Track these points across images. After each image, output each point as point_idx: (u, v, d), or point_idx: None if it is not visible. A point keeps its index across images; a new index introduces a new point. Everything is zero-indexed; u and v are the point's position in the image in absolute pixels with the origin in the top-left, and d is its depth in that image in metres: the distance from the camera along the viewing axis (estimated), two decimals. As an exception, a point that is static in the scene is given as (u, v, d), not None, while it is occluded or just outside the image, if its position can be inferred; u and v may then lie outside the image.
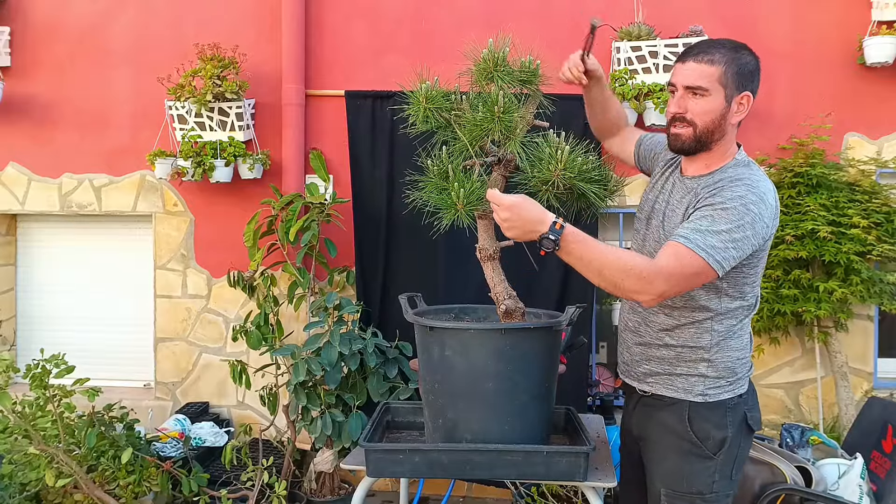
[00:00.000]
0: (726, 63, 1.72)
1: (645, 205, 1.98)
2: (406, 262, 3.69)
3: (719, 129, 1.77)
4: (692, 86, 1.74)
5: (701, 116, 1.76)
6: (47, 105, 4.07)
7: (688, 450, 1.82)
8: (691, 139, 1.78)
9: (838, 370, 3.44)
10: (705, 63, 1.73)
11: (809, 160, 3.38)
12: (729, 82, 1.73)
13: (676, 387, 1.86)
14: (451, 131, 2.04)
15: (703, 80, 1.73)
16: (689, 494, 1.81)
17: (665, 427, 1.86)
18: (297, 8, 3.77)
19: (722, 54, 1.73)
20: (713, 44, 1.77)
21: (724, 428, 1.81)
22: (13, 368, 2.90)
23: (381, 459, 1.95)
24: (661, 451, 1.88)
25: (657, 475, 1.88)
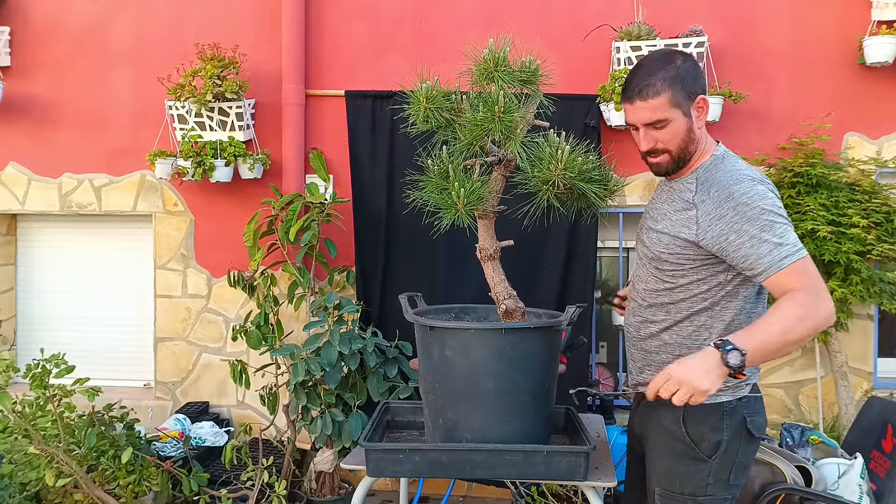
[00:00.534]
0: (669, 85, 1.74)
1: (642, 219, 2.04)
2: (406, 262, 3.69)
3: (692, 141, 1.81)
4: (650, 122, 1.78)
5: (672, 142, 1.79)
6: (47, 105, 4.07)
7: (682, 451, 1.82)
8: (671, 162, 1.82)
9: (838, 370, 3.44)
10: (651, 97, 1.74)
11: (809, 160, 3.38)
12: (680, 100, 1.75)
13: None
14: (452, 131, 2.04)
15: (657, 113, 1.75)
16: (680, 495, 1.81)
17: (662, 427, 1.87)
18: (297, 8, 3.77)
19: (661, 79, 1.74)
20: (648, 72, 1.76)
21: (720, 431, 1.79)
22: (13, 368, 2.90)
23: (381, 459, 1.95)
24: (658, 451, 1.89)
25: (653, 474, 1.90)
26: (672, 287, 1.84)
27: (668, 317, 1.86)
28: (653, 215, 1.92)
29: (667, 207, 1.87)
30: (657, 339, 1.89)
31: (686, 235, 1.77)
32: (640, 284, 1.94)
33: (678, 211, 1.81)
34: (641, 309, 1.93)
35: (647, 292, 1.91)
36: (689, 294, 1.82)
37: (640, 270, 1.95)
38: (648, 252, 1.89)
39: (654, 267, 1.87)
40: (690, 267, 1.80)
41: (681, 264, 1.80)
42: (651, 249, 1.87)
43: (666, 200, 1.89)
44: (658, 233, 1.85)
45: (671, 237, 1.81)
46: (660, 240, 1.84)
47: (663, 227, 1.84)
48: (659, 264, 1.85)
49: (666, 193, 1.89)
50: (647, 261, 1.91)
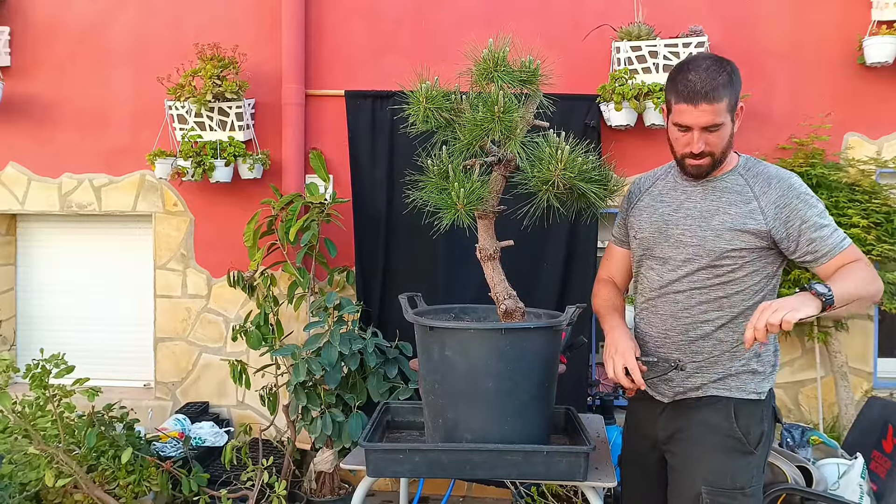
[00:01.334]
0: (728, 91, 1.80)
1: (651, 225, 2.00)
2: (406, 262, 3.69)
3: (730, 146, 1.91)
4: (709, 125, 1.81)
5: (719, 145, 1.85)
6: (47, 105, 4.07)
7: (731, 446, 1.86)
8: (711, 165, 1.88)
9: (838, 370, 3.44)
10: (716, 102, 1.79)
11: (809, 160, 3.38)
12: (732, 106, 1.84)
13: (730, 386, 1.89)
14: (452, 131, 2.04)
15: (717, 117, 1.81)
16: (731, 490, 1.84)
17: (707, 425, 1.89)
18: (297, 8, 3.77)
19: (722, 85, 1.79)
20: (711, 77, 1.80)
21: (762, 422, 1.89)
22: (13, 368, 2.90)
23: (381, 459, 1.95)
24: (702, 450, 1.89)
25: (696, 474, 1.88)
26: (727, 282, 1.87)
27: (723, 313, 1.89)
28: (691, 213, 1.92)
29: (712, 204, 1.90)
30: (712, 339, 1.90)
31: (754, 226, 1.84)
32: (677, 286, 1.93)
33: (734, 204, 1.87)
34: (687, 310, 1.92)
35: (693, 291, 1.90)
36: (743, 286, 1.88)
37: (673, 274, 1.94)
38: (695, 249, 1.89)
39: (705, 263, 1.88)
40: (748, 260, 1.86)
41: (741, 257, 1.86)
42: (704, 247, 1.88)
43: (707, 198, 1.91)
44: (715, 229, 1.87)
45: (735, 231, 1.85)
46: (719, 235, 1.86)
47: (721, 222, 1.87)
48: (716, 260, 1.87)
49: (701, 192, 1.93)
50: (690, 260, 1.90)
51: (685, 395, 1.94)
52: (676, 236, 1.93)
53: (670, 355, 1.94)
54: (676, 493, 1.93)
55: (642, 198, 2.07)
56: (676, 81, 1.84)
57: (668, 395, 1.97)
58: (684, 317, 1.93)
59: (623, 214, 2.13)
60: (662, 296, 1.96)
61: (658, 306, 1.97)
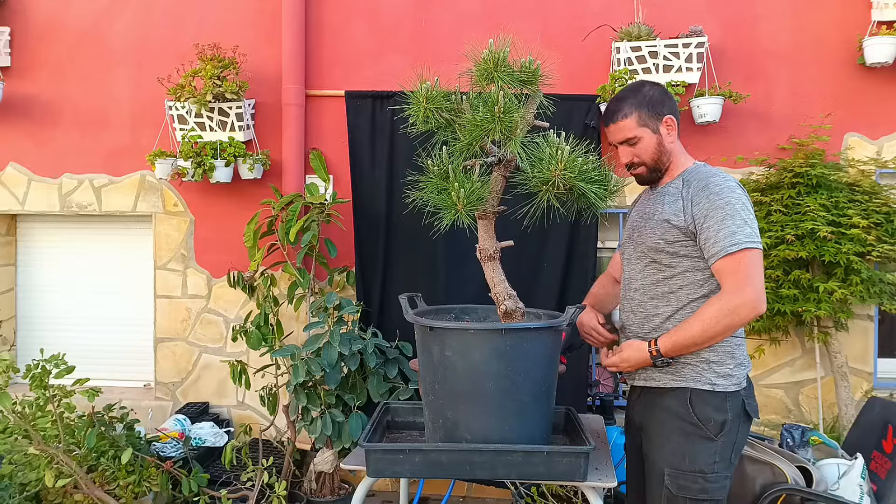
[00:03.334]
0: (635, 108, 2.04)
1: (627, 230, 2.23)
2: (406, 262, 3.69)
3: (664, 153, 2.07)
4: (622, 140, 2.07)
5: (645, 154, 2.06)
6: (47, 105, 4.07)
7: (690, 431, 1.96)
8: (648, 172, 2.09)
9: (838, 370, 3.44)
10: (620, 120, 2.05)
11: (809, 160, 3.38)
12: (646, 120, 2.04)
13: (684, 376, 1.99)
14: (452, 131, 2.04)
15: (628, 132, 2.05)
16: (691, 473, 1.94)
17: (668, 411, 2.00)
18: (297, 8, 3.77)
19: (628, 104, 2.04)
20: (618, 100, 2.07)
21: (723, 412, 1.96)
22: (13, 368, 2.90)
23: (381, 459, 1.95)
24: (665, 434, 2.00)
25: (660, 457, 1.99)
26: (670, 276, 2.02)
27: (670, 306, 2.02)
28: (643, 216, 2.12)
29: (657, 206, 2.07)
30: (661, 330, 2.03)
31: (676, 222, 1.98)
32: (635, 283, 2.12)
33: (668, 204, 2.03)
34: (641, 305, 2.09)
35: (645, 287, 2.08)
36: (687, 281, 2.00)
37: (633, 272, 2.13)
38: (642, 247, 2.08)
39: (650, 259, 2.05)
40: (684, 254, 1.99)
41: (675, 252, 2.00)
42: (646, 243, 2.06)
43: (655, 203, 2.09)
44: (652, 226, 2.05)
45: (665, 226, 2.00)
46: (654, 231, 2.03)
47: (658, 220, 2.03)
48: (655, 255, 2.03)
49: (655, 198, 2.10)
50: (641, 257, 2.09)
51: (647, 382, 2.07)
52: (635, 238, 2.13)
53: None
54: (649, 478, 2.05)
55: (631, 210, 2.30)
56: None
57: (638, 380, 2.11)
58: (639, 311, 2.09)
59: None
60: (627, 293, 2.16)
61: (624, 304, 2.18)
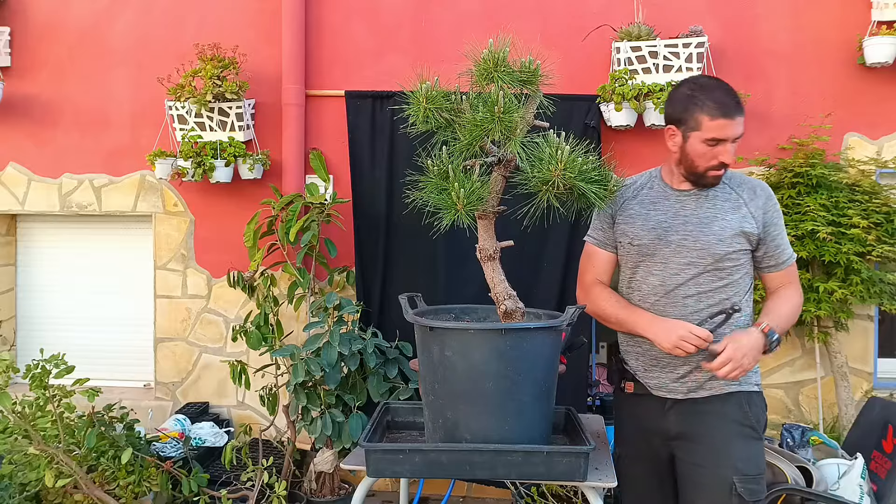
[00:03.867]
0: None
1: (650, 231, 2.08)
2: (406, 262, 3.69)
3: None
4: (739, 136, 1.98)
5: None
6: (47, 105, 4.07)
7: (748, 434, 1.99)
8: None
9: (838, 370, 3.44)
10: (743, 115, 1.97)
11: (809, 160, 3.38)
12: None
13: (740, 379, 1.98)
14: (452, 131, 2.04)
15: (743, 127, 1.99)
16: (757, 476, 1.96)
17: (726, 418, 1.99)
18: (297, 8, 3.77)
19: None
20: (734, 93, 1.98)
21: (764, 410, 2.06)
22: (13, 368, 2.90)
23: (381, 459, 1.95)
24: (725, 441, 1.97)
25: (726, 465, 1.95)
26: (728, 283, 2.01)
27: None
28: (690, 220, 2.03)
29: (709, 212, 2.02)
30: (718, 336, 1.96)
31: (749, 229, 2.00)
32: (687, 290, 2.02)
33: (728, 211, 2.01)
34: (698, 313, 2.01)
35: (702, 294, 2.01)
36: (739, 287, 2.03)
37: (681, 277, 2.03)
38: (700, 254, 2.00)
39: (710, 267, 2.00)
40: (742, 262, 2.02)
41: (738, 259, 2.01)
42: (709, 250, 1.99)
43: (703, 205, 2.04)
44: (717, 234, 2.00)
45: (734, 234, 1.99)
46: (721, 239, 1.99)
47: (722, 227, 2.00)
48: (719, 263, 1.99)
49: (696, 200, 2.05)
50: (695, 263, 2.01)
51: (697, 392, 2.02)
52: (678, 241, 2.03)
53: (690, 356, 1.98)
54: (703, 488, 1.97)
55: (628, 206, 2.15)
56: (704, 101, 1.95)
57: (680, 392, 2.04)
58: (694, 319, 2.00)
59: (606, 220, 2.20)
60: (670, 299, 2.04)
61: (666, 310, 2.04)
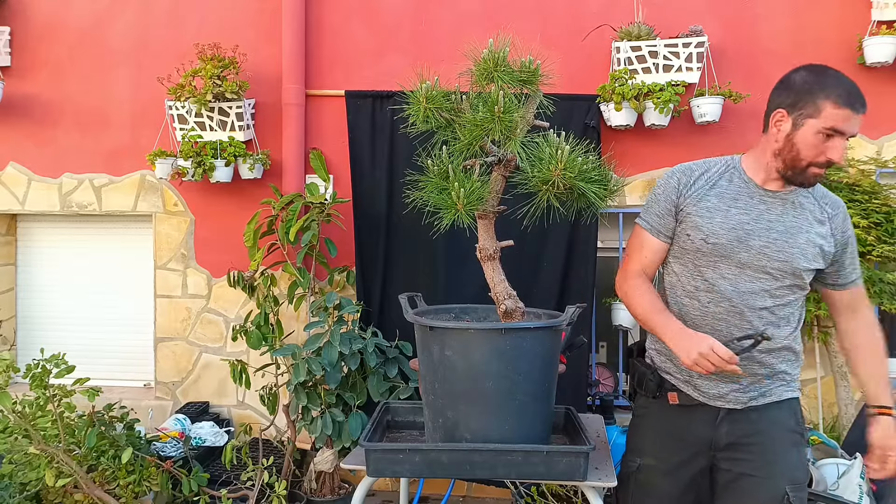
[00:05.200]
0: None
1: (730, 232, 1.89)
2: (406, 262, 3.69)
3: None
4: (854, 135, 1.92)
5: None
6: (47, 105, 4.07)
7: (798, 441, 1.94)
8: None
9: (838, 370, 3.43)
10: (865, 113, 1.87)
11: (809, 160, 3.38)
12: None
13: (794, 386, 1.96)
14: (452, 131, 2.04)
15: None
16: (804, 484, 1.90)
17: (780, 426, 1.92)
18: (297, 8, 3.77)
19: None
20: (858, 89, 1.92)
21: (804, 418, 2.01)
22: (13, 368, 2.90)
23: (381, 459, 1.95)
24: (780, 450, 1.90)
25: (780, 475, 1.87)
26: (798, 299, 1.93)
27: (791, 327, 1.93)
28: (775, 227, 1.88)
29: (795, 221, 1.89)
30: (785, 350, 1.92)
31: (828, 248, 1.90)
32: (759, 302, 1.88)
33: (814, 224, 1.91)
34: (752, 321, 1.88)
35: (774, 308, 1.89)
36: (800, 304, 1.95)
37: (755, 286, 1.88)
38: (781, 265, 1.87)
39: (788, 281, 1.88)
40: (814, 278, 1.95)
41: (811, 275, 1.92)
42: (792, 263, 1.86)
43: (788, 213, 1.90)
44: (801, 247, 1.87)
45: (816, 251, 1.89)
46: (805, 253, 1.87)
47: (807, 241, 1.88)
48: (796, 279, 1.89)
49: (781, 206, 1.90)
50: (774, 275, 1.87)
51: (757, 400, 1.91)
52: (759, 248, 1.87)
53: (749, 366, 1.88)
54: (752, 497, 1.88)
55: (705, 197, 1.92)
56: (833, 86, 1.89)
57: (741, 402, 1.92)
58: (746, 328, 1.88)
59: (668, 206, 1.95)
60: (732, 306, 1.89)
61: (728, 318, 1.89)
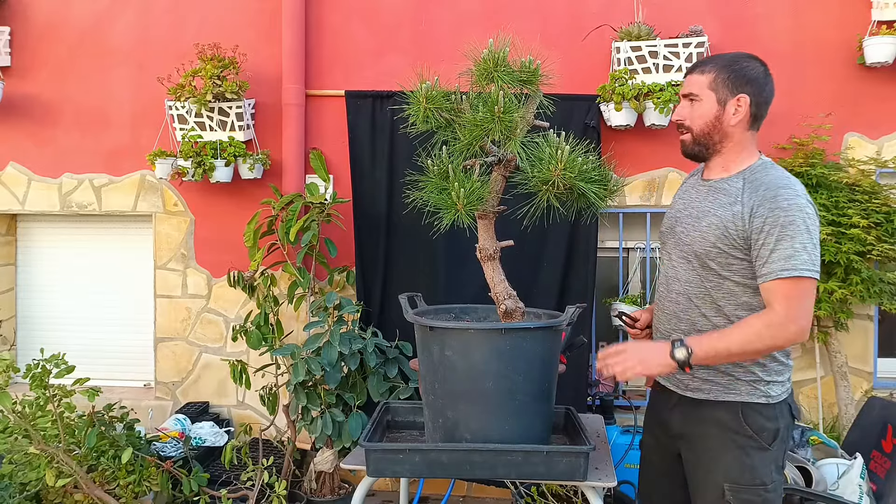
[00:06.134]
0: (717, 70, 1.89)
1: (668, 220, 2.06)
2: (406, 262, 3.69)
3: (716, 131, 1.91)
4: (686, 93, 1.94)
5: (696, 120, 1.92)
6: (47, 105, 4.07)
7: (745, 444, 1.87)
8: (691, 143, 1.95)
9: (838, 370, 3.44)
10: (697, 73, 1.92)
11: (809, 160, 3.38)
12: (719, 87, 1.88)
13: (739, 391, 1.88)
14: (452, 131, 2.04)
15: (694, 87, 1.91)
16: (753, 487, 1.85)
17: (720, 425, 1.89)
18: (297, 8, 3.77)
19: (715, 63, 1.91)
20: (713, 57, 1.96)
21: (775, 420, 1.88)
22: (13, 368, 2.90)
23: (381, 459, 1.95)
24: (719, 448, 1.90)
25: (716, 470, 1.89)
26: (718, 286, 1.88)
27: (720, 318, 1.88)
28: (691, 212, 1.96)
29: (709, 205, 1.91)
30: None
31: (733, 230, 1.82)
32: (678, 286, 1.95)
33: (722, 206, 1.87)
34: (687, 312, 1.94)
35: (692, 292, 1.92)
36: (738, 295, 1.86)
37: (677, 271, 1.97)
38: (687, 249, 1.92)
39: (698, 264, 1.90)
40: (735, 266, 1.85)
41: (727, 262, 1.85)
42: (693, 246, 1.91)
43: (707, 198, 1.93)
44: (703, 229, 1.89)
45: (719, 232, 1.85)
46: (706, 236, 1.88)
47: (709, 224, 1.88)
48: (705, 261, 1.88)
49: (705, 193, 1.94)
50: (687, 259, 1.93)
51: (696, 393, 1.93)
52: (679, 234, 1.97)
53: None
54: (700, 492, 1.93)
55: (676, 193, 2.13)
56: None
57: (682, 387, 1.96)
58: (685, 318, 1.94)
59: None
60: (666, 293, 2.00)
61: (664, 304, 2.01)
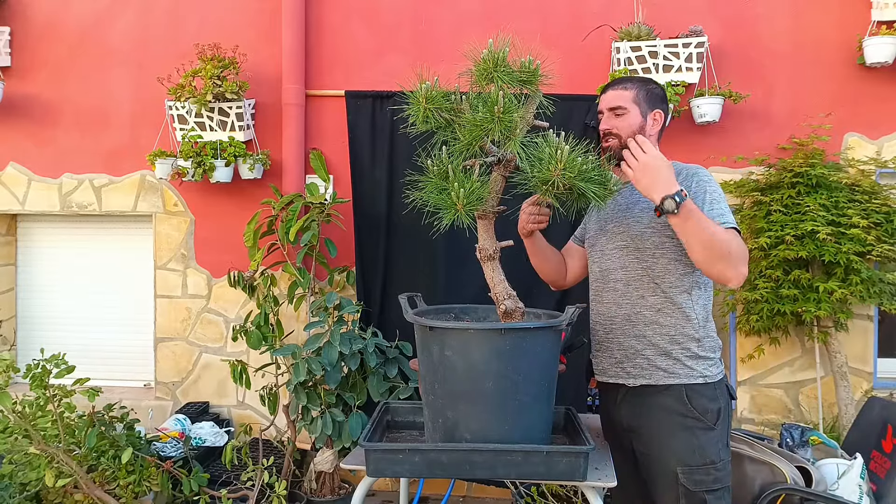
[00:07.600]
0: (637, 88, 2.14)
1: (595, 225, 2.25)
2: (406, 262, 3.69)
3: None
4: (613, 106, 2.13)
5: (624, 129, 2.11)
6: (47, 105, 4.07)
7: (692, 425, 1.99)
8: (618, 147, 2.12)
9: (838, 370, 3.44)
10: (620, 89, 2.14)
11: (809, 160, 3.38)
12: (641, 101, 2.12)
13: (678, 374, 2.02)
14: (451, 131, 2.04)
15: (620, 101, 2.13)
16: (703, 466, 1.96)
17: (665, 409, 2.02)
18: (297, 8, 3.77)
19: (633, 82, 2.15)
20: (626, 77, 2.19)
21: (716, 400, 2.02)
22: (13, 368, 2.90)
23: (381, 459, 1.95)
24: (667, 433, 2.01)
25: (668, 456, 2.00)
26: (654, 266, 2.05)
27: (657, 298, 2.05)
28: (621, 208, 2.15)
29: (637, 196, 2.11)
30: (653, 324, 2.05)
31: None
32: (616, 274, 2.12)
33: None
34: (626, 296, 2.10)
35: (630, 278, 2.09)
36: (673, 269, 2.03)
37: (613, 264, 2.14)
38: (623, 236, 2.10)
39: (633, 248, 2.08)
40: (668, 244, 2.03)
41: (660, 240, 2.03)
42: (629, 232, 2.09)
43: (633, 192, 2.13)
44: (637, 214, 2.08)
45: (652, 215, 2.02)
46: (640, 219, 2.07)
47: (641, 209, 2.08)
48: (640, 243, 2.06)
49: (630, 189, 2.15)
50: (623, 248, 2.11)
51: (637, 380, 2.06)
52: (611, 230, 2.15)
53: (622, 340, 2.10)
54: (653, 478, 2.05)
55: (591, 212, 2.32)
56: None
57: (622, 377, 2.10)
58: (625, 303, 2.10)
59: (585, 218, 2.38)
60: (604, 284, 2.17)
61: (603, 297, 2.17)
